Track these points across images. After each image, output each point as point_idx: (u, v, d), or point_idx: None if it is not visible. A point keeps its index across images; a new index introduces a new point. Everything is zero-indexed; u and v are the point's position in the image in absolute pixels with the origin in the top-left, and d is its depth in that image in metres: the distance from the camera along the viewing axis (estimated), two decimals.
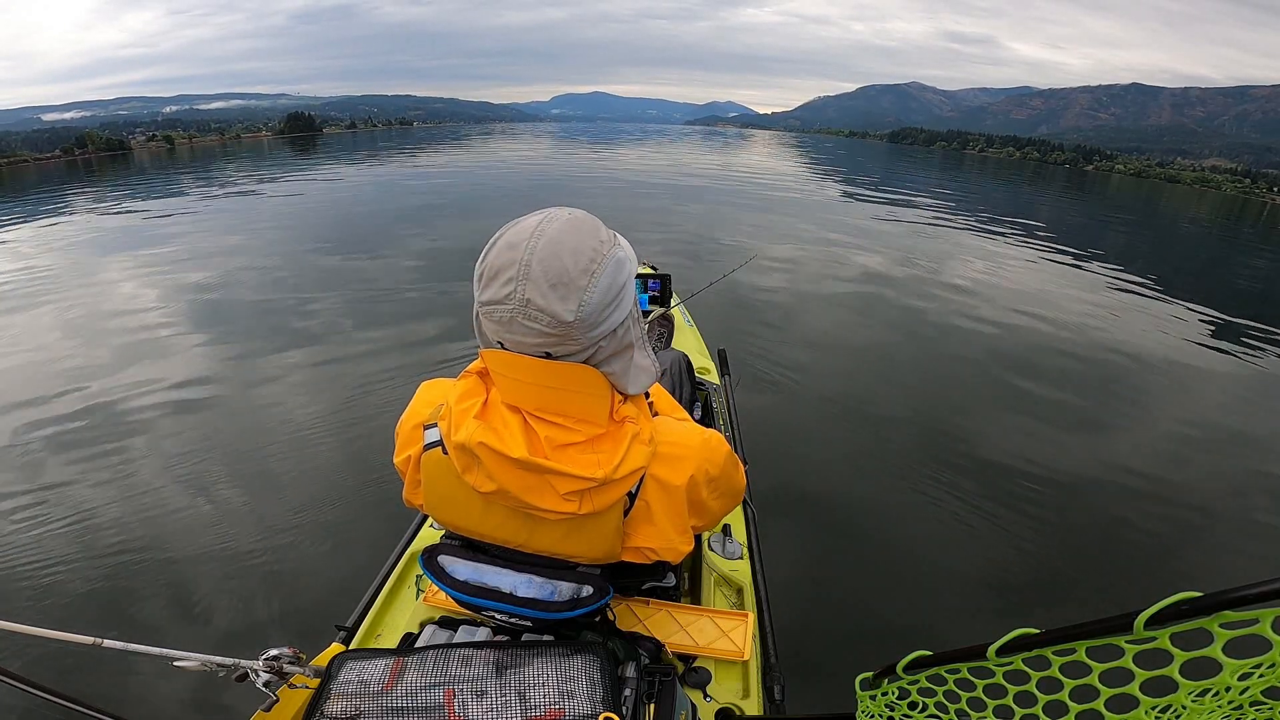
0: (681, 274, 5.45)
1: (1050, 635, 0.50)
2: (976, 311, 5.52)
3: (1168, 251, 12.44)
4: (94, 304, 5.45)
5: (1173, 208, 27.97)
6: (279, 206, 11.92)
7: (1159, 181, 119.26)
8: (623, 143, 44.07)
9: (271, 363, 4.02)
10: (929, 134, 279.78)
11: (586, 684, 0.65)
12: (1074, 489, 2.86)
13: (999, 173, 42.90)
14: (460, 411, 0.68)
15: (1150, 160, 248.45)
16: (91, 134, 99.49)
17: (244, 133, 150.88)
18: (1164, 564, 2.46)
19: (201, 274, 6.34)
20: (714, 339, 2.84)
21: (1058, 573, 2.34)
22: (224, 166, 25.19)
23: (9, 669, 0.70)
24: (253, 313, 5.05)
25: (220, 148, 64.43)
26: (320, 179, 17.32)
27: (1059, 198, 23.95)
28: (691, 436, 0.77)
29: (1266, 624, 0.37)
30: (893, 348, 4.61)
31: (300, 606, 2.05)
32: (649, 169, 19.91)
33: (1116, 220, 17.31)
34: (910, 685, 0.70)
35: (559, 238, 0.63)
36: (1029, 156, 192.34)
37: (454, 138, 53.40)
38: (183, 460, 2.89)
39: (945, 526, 2.54)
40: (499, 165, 21.55)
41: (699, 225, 9.11)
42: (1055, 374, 4.25)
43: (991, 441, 3.22)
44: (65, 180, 22.28)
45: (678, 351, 1.72)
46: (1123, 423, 3.66)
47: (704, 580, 1.27)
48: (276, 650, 0.75)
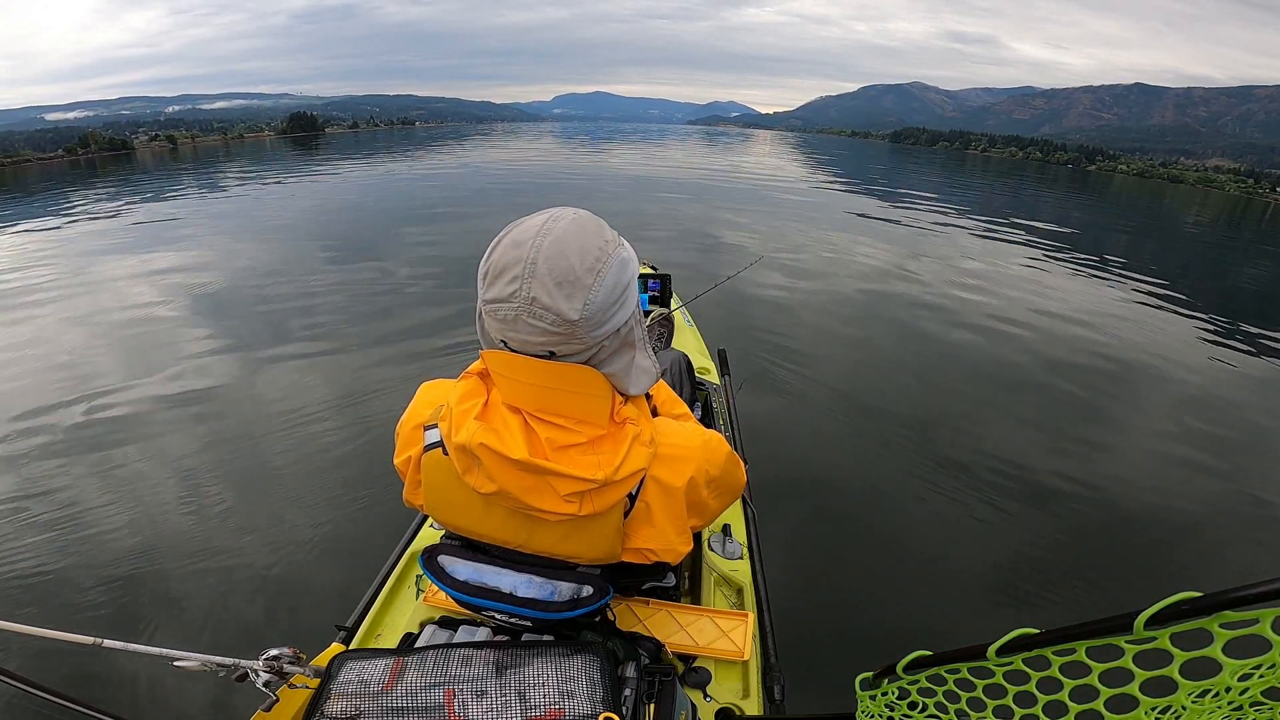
0: (684, 274, 5.46)
1: (1050, 635, 0.50)
2: (977, 312, 5.52)
3: (1171, 252, 12.42)
4: (95, 304, 5.45)
5: (1176, 208, 27.88)
6: (282, 206, 11.93)
7: (1162, 181, 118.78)
8: (625, 142, 44.11)
9: (271, 363, 4.02)
10: (931, 134, 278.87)
11: (586, 684, 0.65)
12: (1074, 489, 2.85)
13: (1002, 173, 42.73)
14: (461, 412, 0.68)
15: (1153, 160, 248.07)
16: (94, 134, 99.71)
17: (246, 132, 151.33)
18: (1164, 564, 2.46)
19: (202, 274, 6.35)
20: (714, 339, 2.84)
21: (1058, 573, 2.34)
22: (227, 166, 25.26)
23: (9, 669, 0.70)
24: (253, 313, 5.05)
25: (223, 147, 64.58)
26: (323, 179, 17.34)
27: (1062, 198, 23.91)
28: (692, 438, 0.77)
29: (1266, 624, 0.37)
30: (893, 347, 4.61)
31: (300, 606, 2.05)
32: (651, 169, 19.92)
33: (1119, 220, 17.31)
34: (910, 685, 0.70)
35: (565, 237, 0.63)
36: (1031, 157, 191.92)
37: (455, 137, 53.49)
38: (182, 460, 2.89)
39: (945, 526, 2.54)
40: (501, 165, 21.59)
41: (701, 225, 9.11)
42: (1057, 375, 4.25)
43: (992, 441, 3.22)
44: (68, 180, 22.33)
45: (678, 351, 1.72)
46: (1124, 423, 3.66)
47: (704, 580, 1.27)
48: (276, 650, 0.75)
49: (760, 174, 20.73)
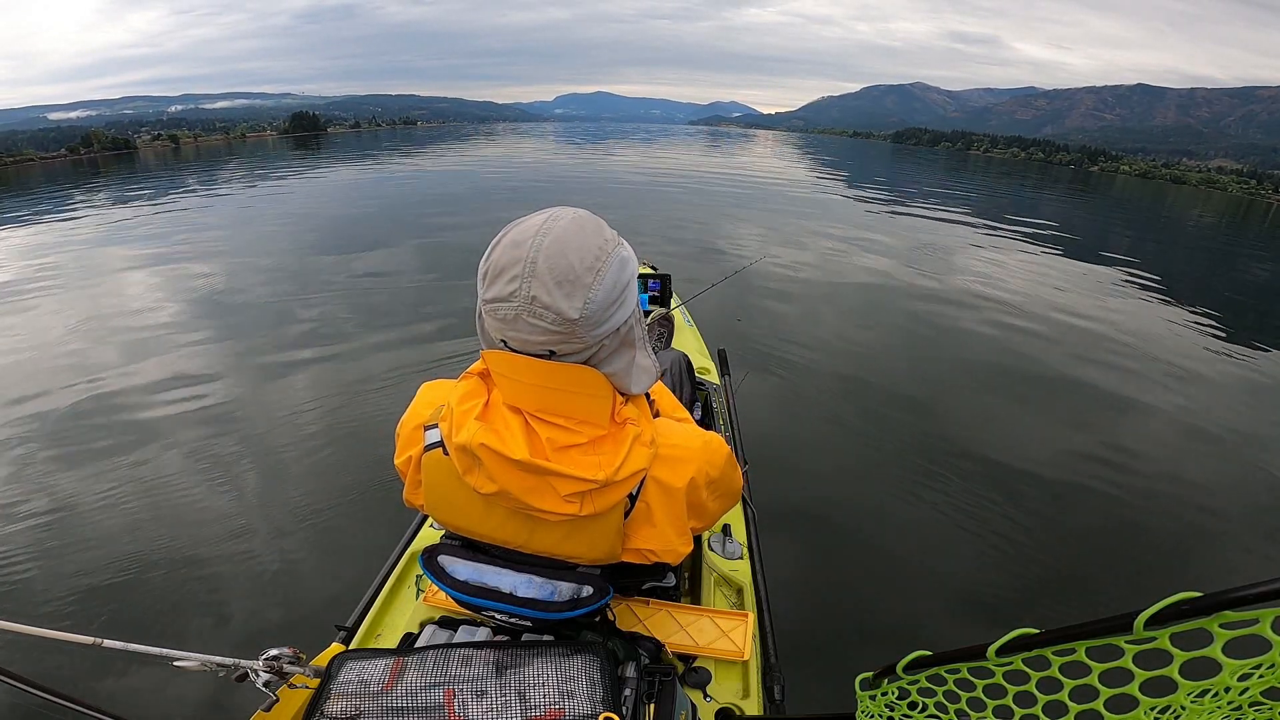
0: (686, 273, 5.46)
1: (1050, 635, 0.49)
2: (978, 313, 5.52)
3: (1174, 252, 12.36)
4: (96, 302, 5.46)
5: (1178, 208, 27.78)
6: (283, 205, 11.93)
7: (1164, 182, 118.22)
8: (626, 142, 44.08)
9: (270, 363, 4.02)
10: (933, 134, 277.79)
11: (586, 684, 0.65)
12: (1074, 490, 2.85)
13: (1003, 173, 42.57)
14: (461, 413, 0.68)
15: (1156, 161, 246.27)
16: (97, 133, 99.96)
17: (249, 132, 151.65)
18: (1164, 564, 2.46)
19: (204, 272, 6.36)
20: (715, 338, 2.84)
21: (1058, 573, 2.34)
22: (228, 165, 25.29)
23: (9, 669, 0.70)
24: (254, 312, 5.05)
25: (225, 147, 64.75)
26: (324, 178, 17.36)
27: (1064, 198, 23.86)
28: (692, 439, 0.77)
29: (1266, 624, 0.37)
30: (894, 347, 4.60)
31: (300, 606, 2.05)
32: (651, 169, 19.90)
33: (1121, 220, 17.26)
34: (910, 685, 0.70)
35: (564, 236, 0.63)
36: (1034, 157, 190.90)
37: (456, 137, 53.48)
38: (181, 460, 2.89)
39: (945, 527, 2.54)
40: (503, 164, 21.60)
41: (703, 224, 9.11)
42: (1059, 376, 4.25)
43: (992, 442, 3.21)
44: (71, 179, 22.37)
45: (678, 351, 1.72)
46: (1125, 424, 3.65)
47: (704, 580, 1.27)
48: (276, 650, 0.75)
49: (761, 174, 20.73)
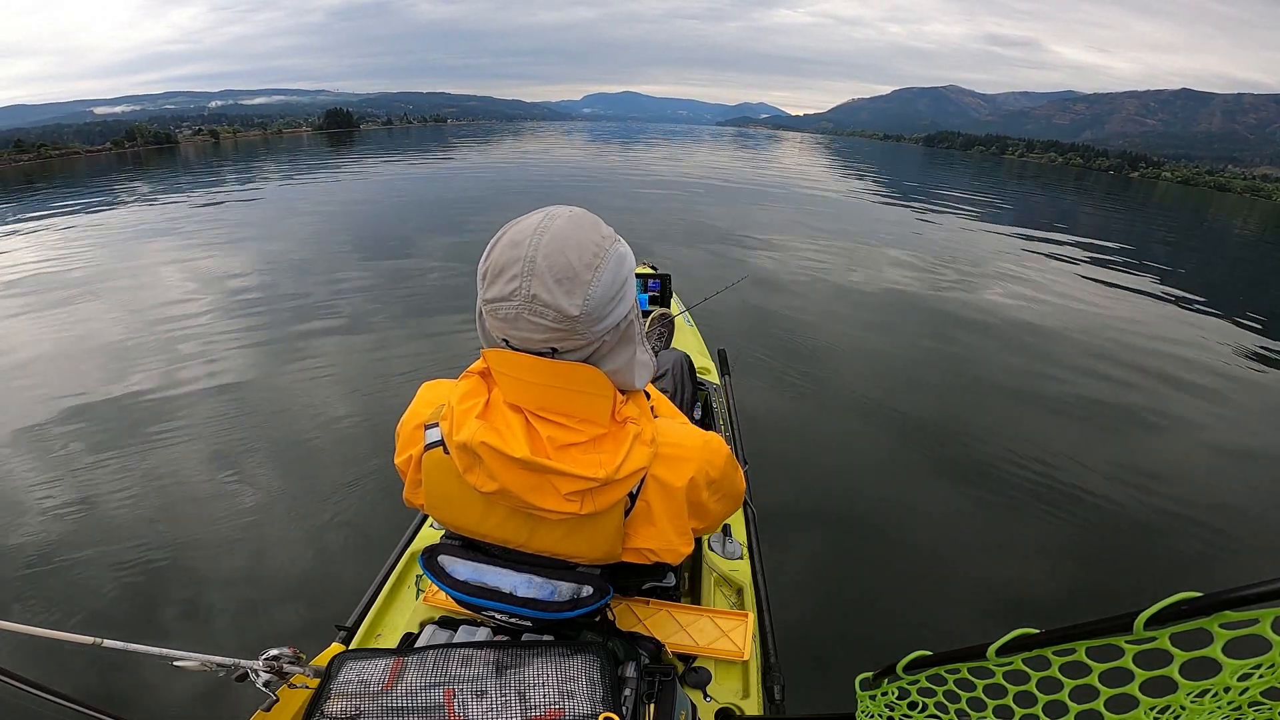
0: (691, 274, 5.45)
1: (1050, 635, 0.49)
2: (986, 314, 5.51)
3: (1210, 260, 11.77)
4: (130, 295, 5.55)
5: (1223, 217, 26.40)
6: (313, 201, 11.92)
7: (1208, 189, 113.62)
8: (655, 142, 43.91)
9: (270, 363, 4.01)
10: (966, 138, 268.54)
11: (586, 684, 0.65)
12: (1074, 490, 2.85)
13: (1039, 178, 40.94)
14: (462, 411, 0.69)
15: (1200, 168, 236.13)
16: (140, 127, 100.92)
17: (285, 128, 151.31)
18: (1163, 564, 2.45)
19: (226, 265, 6.46)
20: (715, 338, 2.84)
21: (1058, 573, 2.34)
22: (265, 160, 25.48)
23: (9, 669, 0.70)
24: (257, 312, 5.03)
25: (263, 142, 65.44)
26: (356, 175, 17.45)
27: (1100, 204, 22.81)
28: (693, 438, 0.77)
29: (1266, 624, 0.37)
30: (894, 348, 4.60)
31: (300, 606, 2.05)
32: (676, 169, 19.66)
33: (1159, 227, 16.56)
34: (910, 685, 0.70)
35: (562, 234, 0.64)
36: (1071, 162, 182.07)
37: (484, 135, 53.66)
38: (180, 459, 2.88)
39: (946, 526, 2.54)
40: (530, 163, 21.63)
41: (717, 226, 9.01)
42: (1063, 377, 4.23)
43: (992, 443, 3.21)
44: (115, 172, 22.68)
45: (679, 352, 1.71)
46: (1127, 426, 3.64)
47: (704, 580, 1.26)
48: (276, 650, 0.75)
49: (789, 176, 20.41)
